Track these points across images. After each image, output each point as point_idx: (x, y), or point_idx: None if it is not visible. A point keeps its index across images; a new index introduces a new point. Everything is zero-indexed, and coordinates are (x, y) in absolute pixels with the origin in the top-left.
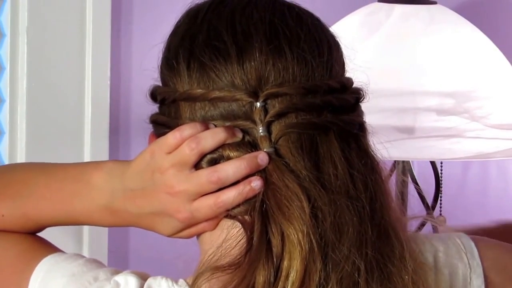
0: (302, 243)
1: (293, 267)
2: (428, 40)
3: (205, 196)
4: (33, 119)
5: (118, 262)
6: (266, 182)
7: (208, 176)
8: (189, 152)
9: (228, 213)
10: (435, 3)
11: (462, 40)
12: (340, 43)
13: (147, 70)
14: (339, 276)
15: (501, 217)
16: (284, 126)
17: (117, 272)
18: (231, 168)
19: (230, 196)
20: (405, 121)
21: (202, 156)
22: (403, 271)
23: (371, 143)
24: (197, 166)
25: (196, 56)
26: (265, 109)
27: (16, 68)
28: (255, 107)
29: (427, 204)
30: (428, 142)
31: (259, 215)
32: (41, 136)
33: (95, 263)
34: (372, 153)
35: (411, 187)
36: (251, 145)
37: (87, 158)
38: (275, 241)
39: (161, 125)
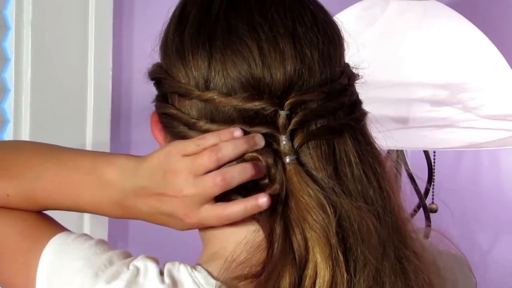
0: (329, 253)
1: (320, 276)
2: (422, 34)
3: (213, 205)
4: (37, 108)
5: (117, 247)
6: (288, 190)
7: (213, 178)
8: (208, 160)
9: None
10: None
11: (456, 34)
12: (342, 31)
13: (148, 60)
14: (366, 283)
15: (492, 204)
16: (306, 134)
17: (127, 255)
18: (236, 170)
19: (236, 210)
20: (400, 111)
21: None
22: (419, 267)
23: (371, 131)
24: None
25: (218, 58)
26: (288, 117)
27: (20, 59)
28: (279, 115)
29: (420, 192)
30: (422, 132)
31: (280, 222)
32: (45, 124)
33: (105, 244)
34: (374, 142)
35: (403, 175)
36: (274, 151)
37: (88, 146)
38: (299, 250)
39: (177, 120)
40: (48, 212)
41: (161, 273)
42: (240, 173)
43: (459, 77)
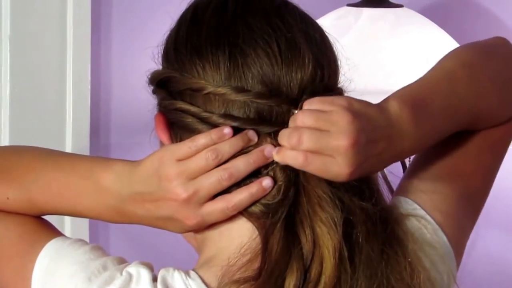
0: (336, 248)
1: (325, 273)
2: (396, 41)
3: (215, 200)
4: (16, 123)
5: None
6: (299, 187)
7: (219, 174)
8: (205, 162)
9: (243, 212)
10: (401, 6)
11: (427, 41)
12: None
13: (126, 73)
14: (361, 278)
15: None
16: None
17: (122, 261)
18: (241, 163)
19: (242, 197)
20: None
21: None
22: (401, 254)
23: None
24: None
25: (239, 54)
26: None
27: None
28: (293, 113)
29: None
30: None
31: (283, 219)
32: (24, 139)
33: (100, 250)
34: None
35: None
36: None
37: None
38: (307, 245)
39: (189, 114)
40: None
41: (155, 279)
42: (245, 164)
43: None
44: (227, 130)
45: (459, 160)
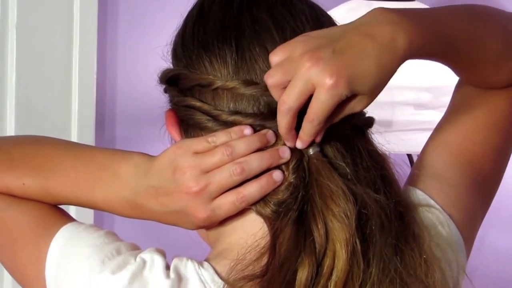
0: (349, 243)
1: (337, 266)
2: None
3: (225, 193)
4: (21, 112)
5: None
6: (311, 181)
7: (231, 168)
8: (220, 157)
9: (252, 208)
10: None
11: None
12: None
13: (132, 66)
14: (376, 272)
15: None
16: (328, 128)
17: (135, 247)
18: (254, 159)
19: (252, 190)
20: (384, 114)
21: None
22: (417, 250)
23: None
24: None
25: (245, 48)
26: None
27: (5, 63)
28: None
29: None
30: (406, 135)
31: (295, 215)
32: (29, 129)
33: (114, 236)
34: (375, 143)
35: None
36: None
37: None
38: (320, 239)
39: (199, 111)
40: None
41: (167, 267)
42: (258, 160)
43: (443, 80)
44: (247, 131)
45: (467, 144)
